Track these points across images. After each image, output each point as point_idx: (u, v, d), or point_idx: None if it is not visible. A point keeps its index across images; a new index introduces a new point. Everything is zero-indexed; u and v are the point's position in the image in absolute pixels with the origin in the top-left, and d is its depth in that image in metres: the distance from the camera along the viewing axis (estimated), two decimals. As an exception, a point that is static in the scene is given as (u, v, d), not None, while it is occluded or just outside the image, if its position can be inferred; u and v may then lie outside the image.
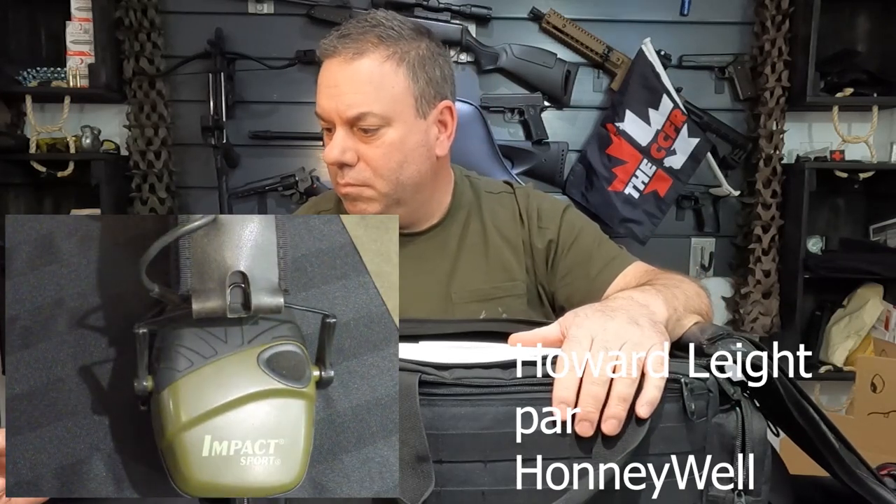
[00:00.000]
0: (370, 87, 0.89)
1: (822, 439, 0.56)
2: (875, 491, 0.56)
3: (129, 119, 2.04)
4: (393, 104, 0.90)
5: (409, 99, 0.91)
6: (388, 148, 0.91)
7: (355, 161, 0.91)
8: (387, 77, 0.89)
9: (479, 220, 1.03)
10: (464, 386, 0.52)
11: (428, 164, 0.96)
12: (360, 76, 0.89)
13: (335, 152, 0.90)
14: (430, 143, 0.95)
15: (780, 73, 2.07)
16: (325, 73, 0.92)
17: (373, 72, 0.89)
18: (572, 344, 0.54)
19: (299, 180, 2.08)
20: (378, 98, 0.89)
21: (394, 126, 0.90)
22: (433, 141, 0.96)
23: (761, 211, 2.11)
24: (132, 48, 2.00)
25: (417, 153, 0.93)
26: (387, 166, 0.91)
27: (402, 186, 0.93)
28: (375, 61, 0.89)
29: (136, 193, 2.06)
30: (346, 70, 0.89)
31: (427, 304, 0.98)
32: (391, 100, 0.90)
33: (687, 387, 0.52)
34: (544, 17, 2.08)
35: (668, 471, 0.53)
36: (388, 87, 0.89)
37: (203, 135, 2.02)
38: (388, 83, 0.89)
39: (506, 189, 1.07)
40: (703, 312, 0.76)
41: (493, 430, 0.51)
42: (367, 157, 0.91)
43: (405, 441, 0.50)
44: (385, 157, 0.91)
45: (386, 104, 0.89)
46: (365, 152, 0.91)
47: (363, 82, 0.89)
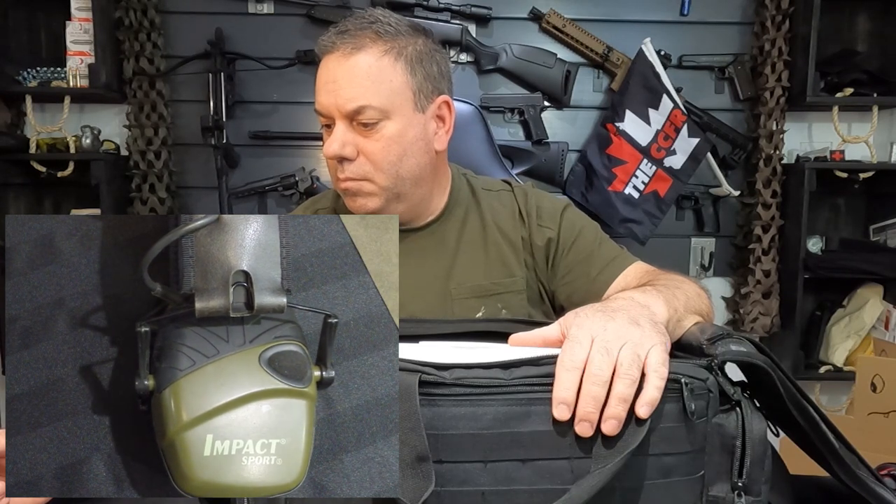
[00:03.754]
0: (368, 81, 0.89)
1: (822, 439, 0.56)
2: (875, 491, 0.56)
3: (129, 119, 2.04)
4: (391, 98, 0.90)
5: (407, 93, 0.92)
6: (388, 141, 0.91)
7: (355, 155, 0.92)
8: (385, 71, 0.90)
9: (477, 216, 1.04)
10: (464, 386, 0.52)
11: (427, 158, 0.96)
12: (358, 70, 0.89)
13: (335, 146, 0.90)
14: (428, 137, 0.96)
15: (780, 73, 2.07)
16: (323, 70, 0.93)
17: (371, 66, 0.90)
18: (572, 344, 0.54)
19: (299, 180, 2.08)
20: (377, 91, 0.90)
21: (393, 119, 0.91)
22: (432, 135, 0.96)
23: (761, 211, 2.11)
24: (132, 48, 2.00)
25: (416, 147, 0.94)
26: (386, 160, 0.92)
27: (401, 180, 0.94)
28: (373, 56, 0.90)
29: (136, 193, 2.06)
30: (344, 65, 0.90)
31: (426, 299, 0.99)
32: (390, 93, 0.90)
33: (687, 387, 0.52)
34: (544, 17, 2.08)
35: (668, 471, 0.53)
36: (386, 81, 0.90)
37: (203, 135, 2.02)
38: (386, 77, 0.90)
39: (504, 187, 1.08)
40: (704, 313, 0.76)
41: (493, 430, 0.51)
42: (367, 150, 0.91)
43: (405, 441, 0.50)
44: (384, 151, 0.91)
45: (384, 98, 0.90)
46: (364, 146, 0.91)
47: (362, 76, 0.89)
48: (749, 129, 2.16)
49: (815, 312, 2.24)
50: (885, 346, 1.91)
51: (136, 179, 2.05)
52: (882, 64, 2.16)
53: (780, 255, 2.14)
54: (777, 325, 2.14)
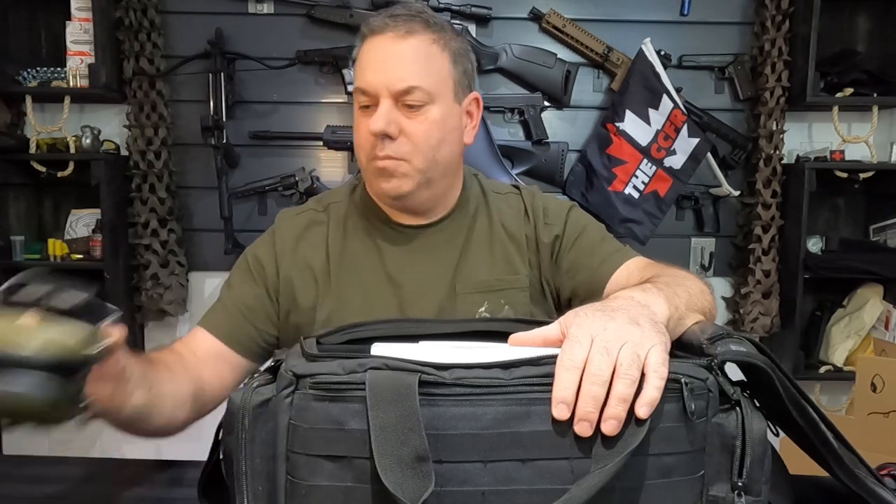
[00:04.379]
0: (419, 64, 0.93)
1: (821, 440, 0.56)
2: (874, 491, 0.56)
3: (129, 119, 2.04)
4: (438, 83, 0.94)
5: (450, 82, 0.96)
6: (431, 125, 0.94)
7: (397, 134, 0.93)
8: (433, 57, 0.94)
9: (486, 215, 1.06)
10: (464, 386, 0.52)
11: (458, 148, 1.00)
12: (411, 52, 0.92)
13: (380, 122, 0.91)
14: (461, 128, 1.00)
15: (780, 73, 2.07)
16: (371, 50, 0.94)
17: (422, 50, 0.93)
18: (572, 344, 0.54)
19: (299, 180, 2.08)
20: (426, 74, 0.93)
21: (436, 104, 0.94)
22: (463, 128, 1.00)
23: (761, 211, 2.11)
24: (132, 48, 2.00)
25: (452, 135, 0.97)
26: (427, 143, 0.94)
27: (436, 165, 0.96)
28: (424, 42, 0.94)
29: (136, 193, 2.06)
30: (397, 45, 0.92)
31: (431, 295, 0.99)
32: (437, 79, 0.94)
33: (687, 387, 0.52)
34: (544, 17, 2.08)
35: (668, 471, 0.53)
36: (434, 67, 0.94)
37: (203, 135, 2.02)
38: (434, 63, 0.94)
39: (512, 190, 1.10)
40: (706, 310, 0.75)
41: (493, 430, 0.51)
42: (410, 131, 0.93)
43: (405, 441, 0.50)
44: (426, 133, 0.93)
45: (432, 82, 0.93)
46: (407, 126, 0.93)
47: (413, 58, 0.92)
48: (749, 129, 2.16)
49: (815, 312, 2.24)
50: (885, 346, 1.91)
51: (136, 179, 2.05)
52: (882, 64, 2.16)
53: (780, 255, 2.14)
54: (777, 325, 2.14)
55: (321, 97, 2.12)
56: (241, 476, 0.55)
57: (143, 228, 2.06)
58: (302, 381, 0.54)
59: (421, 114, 0.93)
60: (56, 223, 2.16)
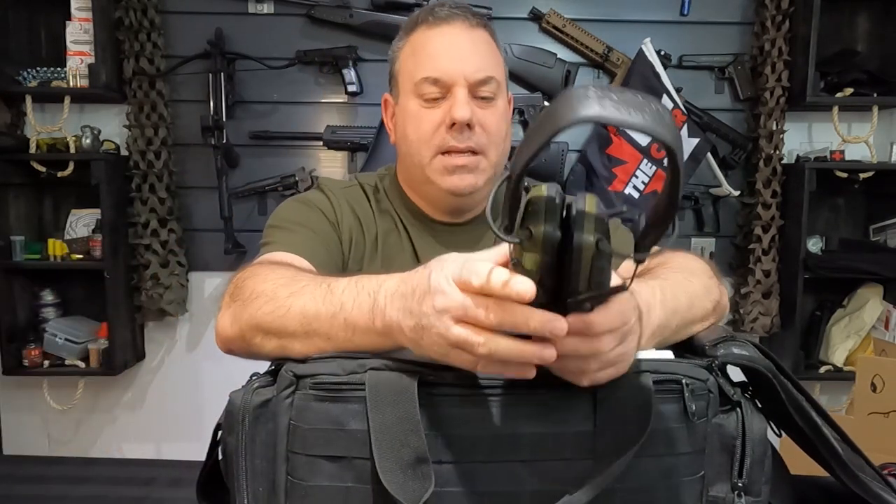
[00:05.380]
0: (491, 55, 0.92)
1: (823, 442, 0.56)
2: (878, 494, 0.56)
3: (129, 119, 2.04)
4: (503, 76, 0.94)
5: (505, 77, 0.96)
6: (500, 116, 0.92)
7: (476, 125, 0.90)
8: (497, 51, 0.94)
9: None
10: (464, 386, 0.52)
11: (510, 142, 0.96)
12: (483, 43, 0.92)
13: (467, 110, 0.88)
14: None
15: (780, 73, 2.07)
16: (439, 39, 0.91)
17: (490, 42, 0.94)
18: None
19: (299, 180, 2.08)
20: (497, 66, 0.93)
21: (501, 98, 0.93)
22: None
23: (761, 211, 2.11)
24: (132, 48, 2.00)
25: (509, 130, 0.96)
26: (499, 134, 0.92)
27: (501, 159, 0.94)
28: (488, 34, 0.94)
29: (136, 193, 2.06)
30: (470, 35, 0.92)
31: None
32: (502, 72, 0.94)
33: (687, 387, 0.52)
34: (544, 17, 2.08)
35: (669, 471, 0.53)
36: (500, 60, 0.94)
37: (203, 135, 2.02)
38: (499, 57, 0.95)
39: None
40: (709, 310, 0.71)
41: (493, 431, 0.51)
42: (485, 122, 0.90)
43: (405, 443, 0.50)
44: (498, 124, 0.92)
45: (501, 74, 0.93)
46: (482, 117, 0.90)
47: (486, 49, 0.92)
48: (749, 129, 2.16)
49: (815, 312, 2.24)
50: (885, 346, 1.91)
51: (136, 179, 2.05)
52: (882, 64, 2.16)
53: (780, 255, 2.14)
54: (777, 325, 2.14)
55: (321, 97, 2.12)
56: (241, 476, 0.55)
57: (143, 228, 2.06)
58: (302, 382, 0.54)
59: (492, 105, 0.91)
60: (56, 223, 2.16)
